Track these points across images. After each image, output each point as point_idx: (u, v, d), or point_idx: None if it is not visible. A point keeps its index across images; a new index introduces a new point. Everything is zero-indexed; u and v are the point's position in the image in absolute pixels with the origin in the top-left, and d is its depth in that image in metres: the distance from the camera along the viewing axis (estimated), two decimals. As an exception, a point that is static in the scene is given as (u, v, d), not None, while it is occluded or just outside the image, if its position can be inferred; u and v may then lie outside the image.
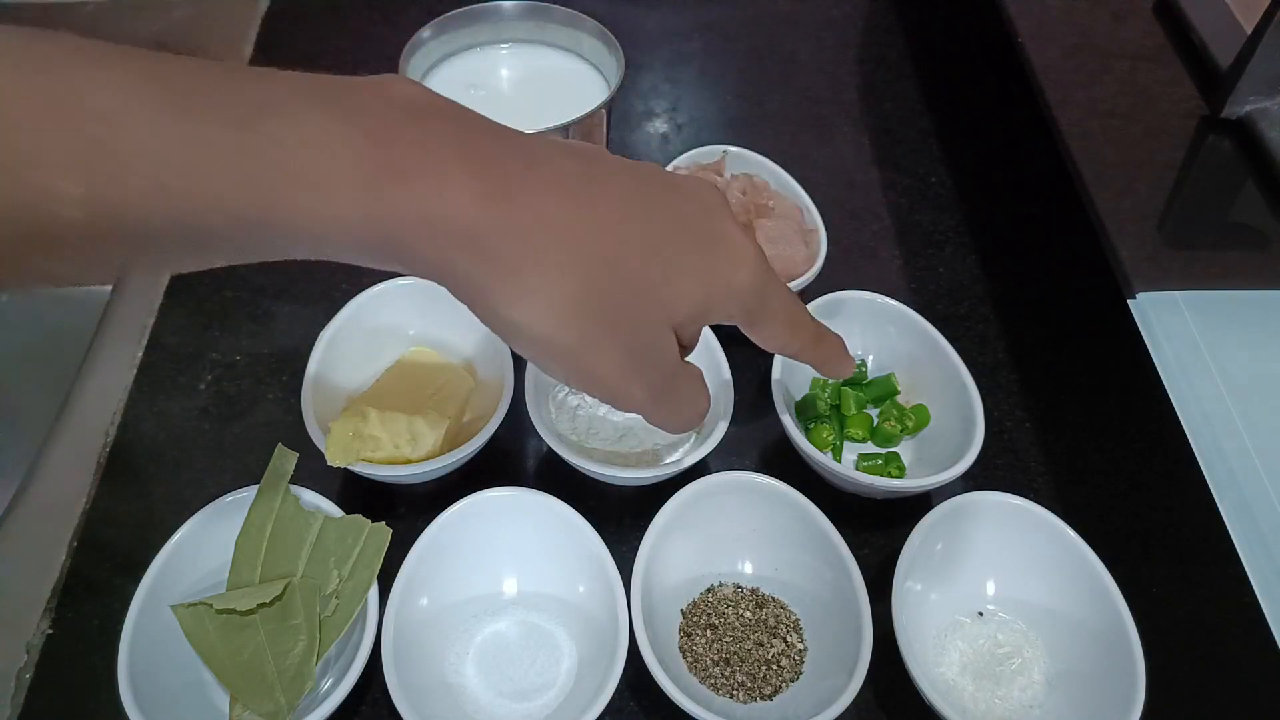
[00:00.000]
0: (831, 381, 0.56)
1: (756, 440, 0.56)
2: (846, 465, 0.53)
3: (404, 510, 0.51)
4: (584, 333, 0.31)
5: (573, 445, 0.52)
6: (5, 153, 0.24)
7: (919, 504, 0.50)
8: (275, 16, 0.82)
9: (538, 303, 0.30)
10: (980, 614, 0.48)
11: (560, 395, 0.55)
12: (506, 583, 0.48)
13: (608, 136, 0.59)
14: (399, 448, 0.48)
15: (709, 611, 0.48)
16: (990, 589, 0.49)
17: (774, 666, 0.46)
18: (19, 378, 0.58)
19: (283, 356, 0.58)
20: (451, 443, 0.50)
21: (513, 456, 0.55)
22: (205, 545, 0.46)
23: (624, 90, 0.61)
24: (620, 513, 0.52)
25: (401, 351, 0.56)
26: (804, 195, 0.63)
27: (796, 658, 0.46)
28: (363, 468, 0.48)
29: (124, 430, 0.55)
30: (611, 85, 0.58)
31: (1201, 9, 0.64)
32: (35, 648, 0.46)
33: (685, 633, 0.47)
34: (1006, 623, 0.48)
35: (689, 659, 0.46)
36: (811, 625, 0.47)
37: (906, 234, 0.68)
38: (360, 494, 0.52)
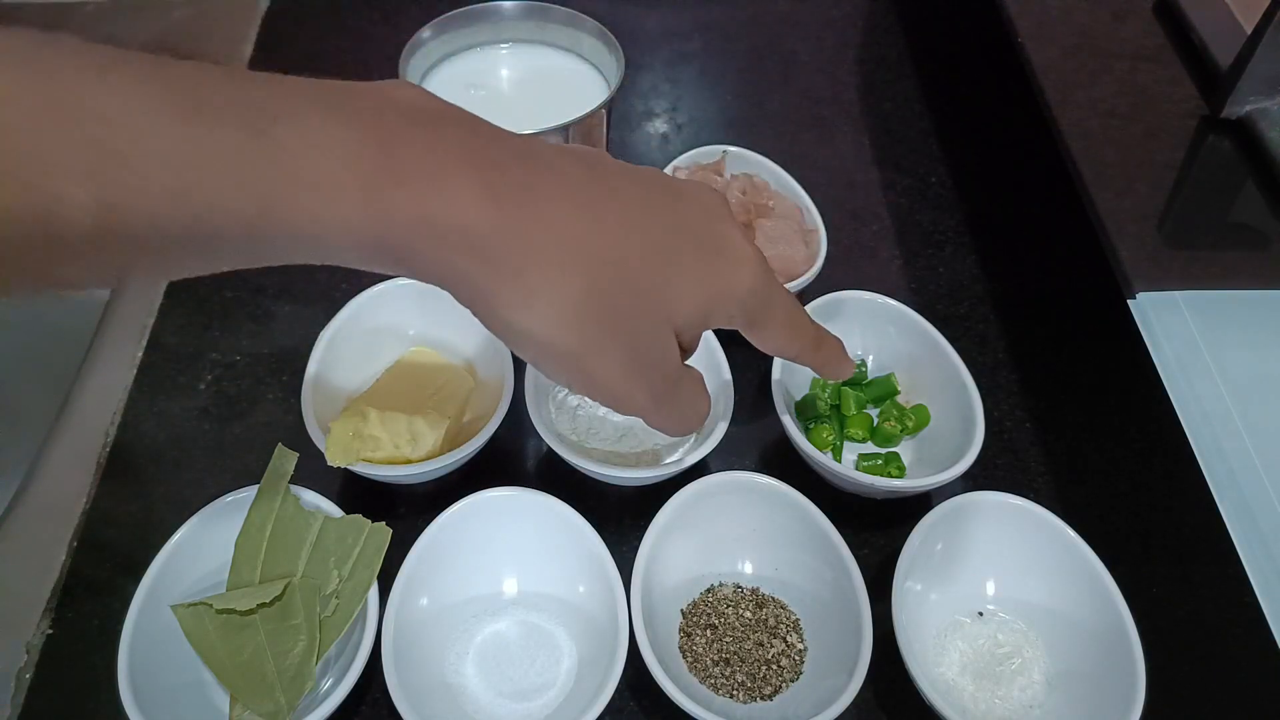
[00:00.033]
0: (831, 381, 0.56)
1: (756, 440, 0.56)
2: (846, 465, 0.53)
3: (404, 510, 0.51)
4: (586, 336, 0.31)
5: (573, 445, 0.52)
6: (12, 158, 0.24)
7: (919, 504, 0.50)
8: (275, 16, 0.82)
9: (541, 306, 0.30)
10: (980, 614, 0.48)
11: (560, 395, 0.55)
12: (506, 583, 0.48)
13: (608, 136, 0.59)
14: (399, 448, 0.48)
15: (709, 611, 0.48)
16: (990, 589, 0.49)
17: (774, 666, 0.46)
18: (19, 378, 0.58)
19: (283, 356, 0.58)
20: (451, 443, 0.50)
21: (513, 456, 0.55)
22: (205, 545, 0.46)
23: (624, 90, 0.61)
24: (620, 513, 0.52)
25: (401, 351, 0.56)
26: (804, 195, 0.63)
27: (796, 658, 0.46)
28: (363, 468, 0.48)
29: (124, 430, 0.55)
30: (611, 85, 0.58)
31: (1201, 9, 0.64)
32: (35, 648, 0.46)
33: (685, 633, 0.47)
34: (1006, 623, 0.48)
35: (689, 659, 0.46)
36: (811, 625, 0.47)
37: (906, 234, 0.68)
38: (360, 494, 0.52)
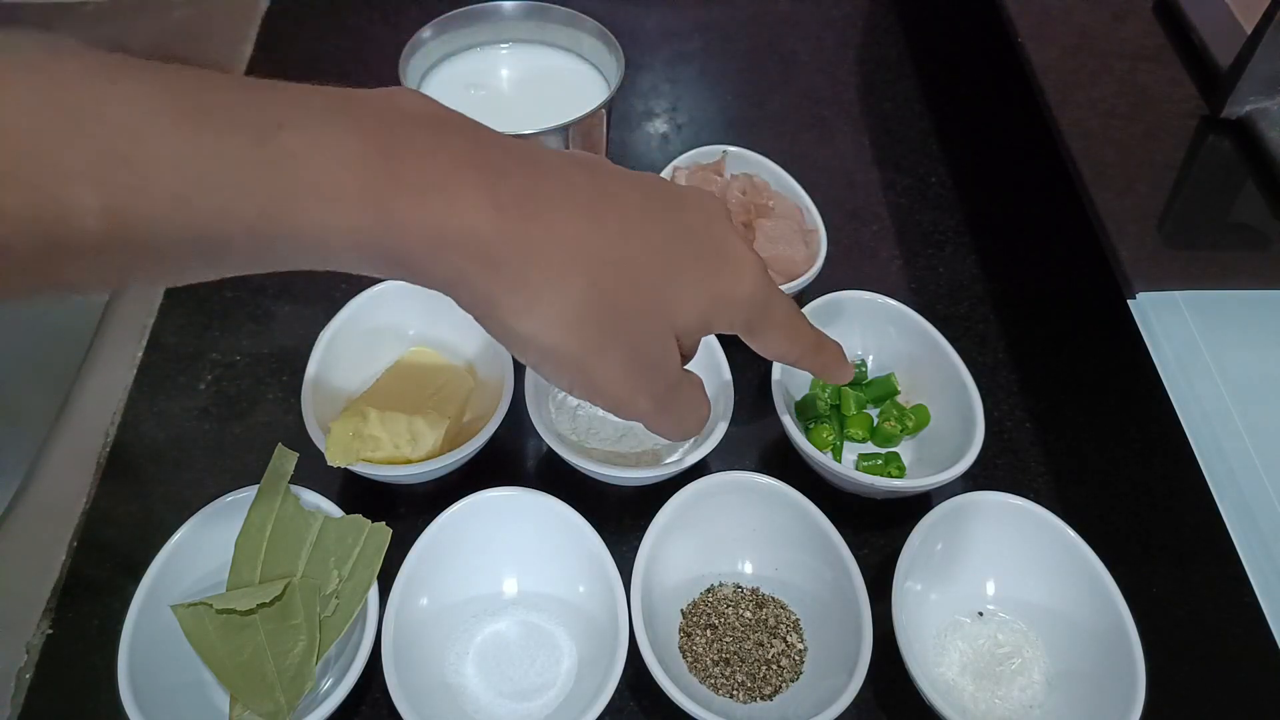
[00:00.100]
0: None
1: (756, 440, 0.56)
2: (846, 465, 0.53)
3: (404, 510, 0.51)
4: (588, 340, 0.31)
5: (573, 445, 0.52)
6: (19, 162, 0.24)
7: (919, 504, 0.50)
8: (275, 16, 0.82)
9: (543, 310, 0.30)
10: (980, 614, 0.48)
11: (560, 395, 0.55)
12: (506, 583, 0.48)
13: (608, 136, 0.59)
14: (399, 448, 0.48)
15: (709, 611, 0.48)
16: (990, 589, 0.49)
17: (774, 666, 0.46)
18: (19, 378, 0.58)
19: (283, 356, 0.58)
20: (451, 443, 0.50)
21: (513, 456, 0.55)
22: (205, 545, 0.46)
23: (624, 90, 0.61)
24: (620, 513, 0.52)
25: (401, 351, 0.56)
26: (804, 195, 0.63)
27: (796, 658, 0.46)
28: (363, 468, 0.48)
29: (124, 430, 0.55)
30: (611, 85, 0.58)
31: (1201, 9, 0.64)
32: (35, 648, 0.46)
33: (685, 633, 0.47)
34: (1006, 623, 0.48)
35: (689, 659, 0.46)
36: (811, 625, 0.47)
37: (906, 234, 0.68)
38: (360, 494, 0.52)
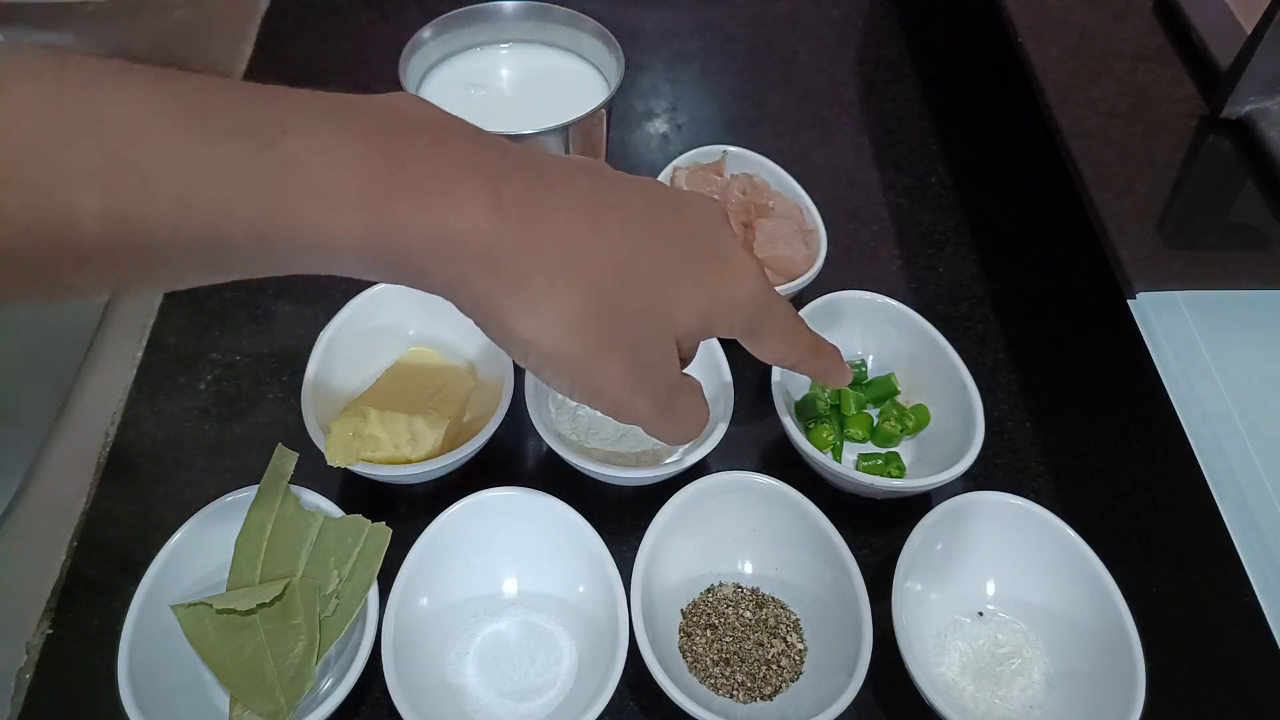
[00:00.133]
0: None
1: (756, 440, 0.56)
2: (846, 465, 0.53)
3: (404, 510, 0.51)
4: (589, 344, 0.32)
5: (573, 445, 0.52)
6: (31, 170, 0.24)
7: (919, 504, 0.50)
8: (275, 16, 0.82)
9: (545, 314, 0.31)
10: (980, 614, 0.48)
11: (560, 396, 0.55)
12: (506, 583, 0.48)
13: (608, 136, 0.59)
14: (399, 448, 0.48)
15: (709, 611, 0.48)
16: (990, 589, 0.49)
17: (774, 666, 0.46)
18: (19, 378, 0.58)
19: (283, 356, 0.58)
20: (451, 443, 0.50)
21: (513, 456, 0.55)
22: (205, 545, 0.46)
23: (624, 90, 0.61)
24: (620, 513, 0.52)
25: (401, 352, 0.56)
26: (804, 195, 0.63)
27: (796, 658, 0.46)
28: (363, 468, 0.48)
29: (124, 430, 0.55)
30: (611, 85, 0.58)
31: (1201, 9, 0.64)
32: (35, 648, 0.46)
33: (685, 633, 0.47)
34: (1006, 623, 0.48)
35: (689, 659, 0.46)
36: (811, 625, 0.47)
37: (906, 234, 0.68)
38: (360, 494, 0.52)
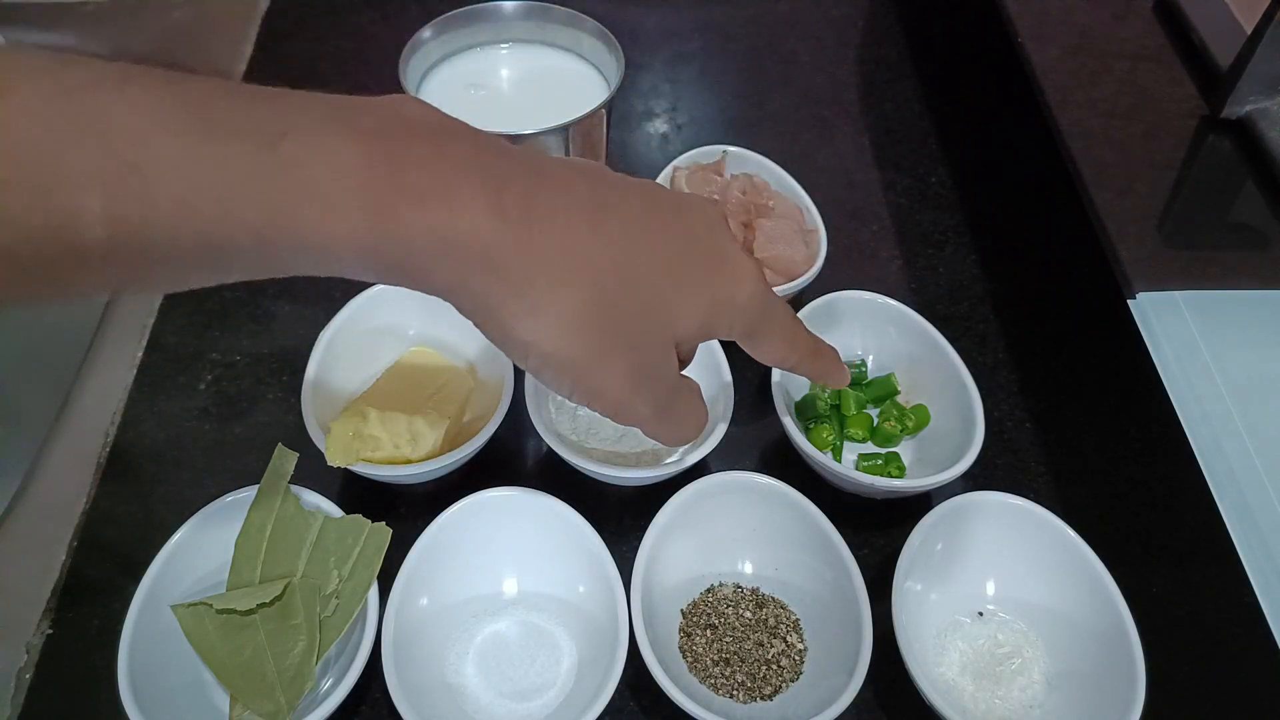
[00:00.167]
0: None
1: (756, 440, 0.56)
2: (846, 465, 0.53)
3: (404, 510, 0.51)
4: (589, 346, 0.32)
5: (573, 445, 0.52)
6: (32, 171, 0.24)
7: (919, 504, 0.50)
8: (275, 16, 0.82)
9: (545, 316, 0.31)
10: (980, 614, 0.48)
11: (560, 396, 0.55)
12: (506, 583, 0.48)
13: (608, 136, 0.59)
14: (399, 448, 0.48)
15: (709, 611, 0.48)
16: (990, 589, 0.49)
17: (774, 666, 0.46)
18: (19, 378, 0.58)
19: (283, 356, 0.58)
20: (451, 443, 0.50)
21: (513, 456, 0.55)
22: (205, 545, 0.46)
23: (624, 90, 0.61)
24: (620, 513, 0.52)
25: (401, 351, 0.56)
26: (804, 195, 0.63)
27: (796, 658, 0.46)
28: (363, 468, 0.48)
29: (124, 430, 0.55)
30: (611, 85, 0.58)
31: (1201, 9, 0.64)
32: (35, 648, 0.46)
33: (685, 633, 0.47)
34: (1006, 623, 0.48)
35: (689, 659, 0.46)
36: (811, 625, 0.47)
37: (906, 234, 0.68)
38: (360, 494, 0.52)
